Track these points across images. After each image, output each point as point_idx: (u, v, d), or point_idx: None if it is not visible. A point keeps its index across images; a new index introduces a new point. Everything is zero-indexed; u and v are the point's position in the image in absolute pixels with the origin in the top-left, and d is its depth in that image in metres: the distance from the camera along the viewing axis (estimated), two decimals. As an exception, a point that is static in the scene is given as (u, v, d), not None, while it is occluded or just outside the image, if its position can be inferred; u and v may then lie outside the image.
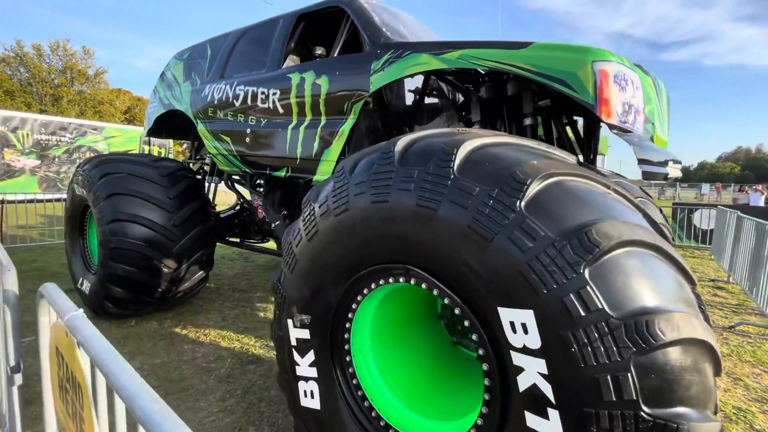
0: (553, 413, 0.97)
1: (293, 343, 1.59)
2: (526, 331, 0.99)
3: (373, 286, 1.43)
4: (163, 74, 4.54)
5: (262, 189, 4.44)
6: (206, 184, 4.32)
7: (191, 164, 4.75)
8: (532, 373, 0.99)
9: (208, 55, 3.89)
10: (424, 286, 1.28)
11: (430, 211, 1.14)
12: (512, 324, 1.02)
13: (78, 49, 32.48)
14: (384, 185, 1.27)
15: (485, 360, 1.15)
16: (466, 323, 1.18)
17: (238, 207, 5.03)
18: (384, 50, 2.34)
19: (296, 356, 1.59)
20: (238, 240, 4.62)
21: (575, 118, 2.52)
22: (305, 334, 1.56)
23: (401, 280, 1.34)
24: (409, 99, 3.15)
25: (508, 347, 1.04)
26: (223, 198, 6.08)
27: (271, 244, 5.10)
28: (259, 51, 3.32)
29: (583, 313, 0.91)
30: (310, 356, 1.56)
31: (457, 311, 1.20)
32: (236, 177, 4.33)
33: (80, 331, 0.83)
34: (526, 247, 0.99)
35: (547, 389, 0.97)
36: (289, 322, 1.59)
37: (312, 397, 1.55)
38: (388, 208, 1.24)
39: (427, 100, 2.92)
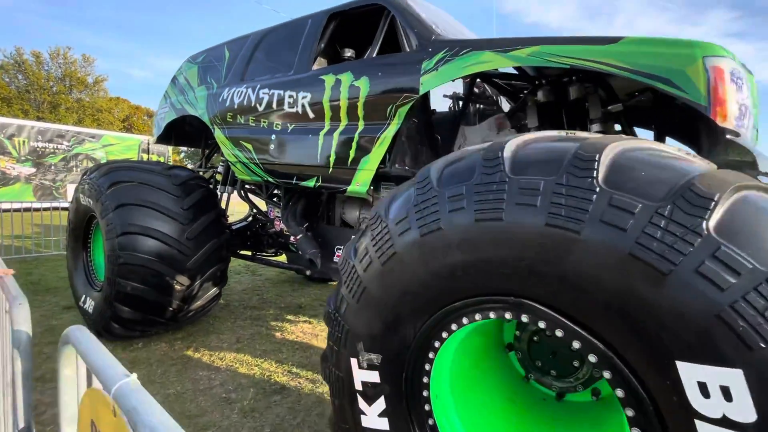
0: None
1: (358, 387, 1.32)
2: (728, 397, 0.74)
3: (465, 321, 1.17)
4: (175, 78, 4.31)
5: (277, 200, 4.20)
6: (218, 194, 4.06)
7: (202, 173, 4.50)
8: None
9: (226, 58, 3.67)
10: (542, 324, 1.02)
11: (569, 234, 0.90)
12: (702, 386, 0.76)
13: (78, 56, 32.36)
14: (494, 199, 1.02)
15: (637, 424, 0.89)
16: (607, 375, 0.93)
17: (250, 218, 4.77)
18: (437, 48, 2.12)
19: (362, 403, 1.32)
20: (249, 253, 4.34)
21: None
22: (374, 376, 1.29)
23: (507, 315, 1.09)
24: (445, 104, 2.94)
25: (691, 415, 0.78)
26: (230, 208, 5.81)
27: (284, 257, 4.83)
28: (285, 52, 3.10)
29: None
30: (380, 404, 1.29)
31: (592, 358, 0.95)
32: (249, 186, 4.07)
33: (136, 409, 0.56)
34: (727, 283, 0.74)
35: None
36: (353, 361, 1.32)
37: (381, 454, 1.28)
38: (501, 229, 1.00)
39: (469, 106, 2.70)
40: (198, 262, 3.25)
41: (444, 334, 1.23)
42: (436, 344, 1.24)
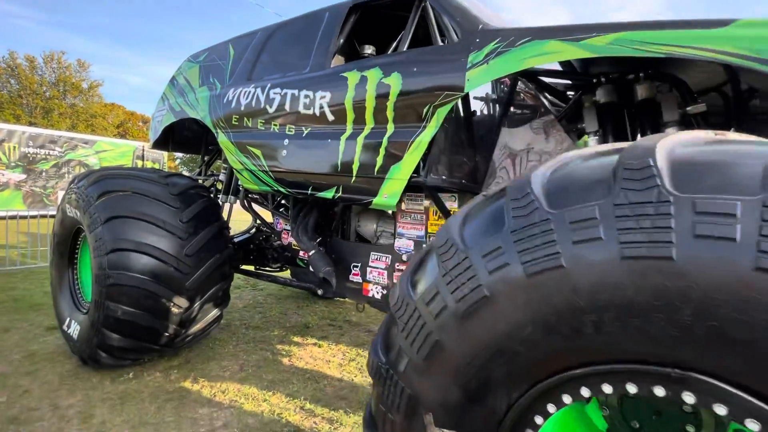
0: None
1: (424, 474, 0.98)
2: None
3: (585, 393, 0.85)
4: (174, 79, 3.99)
5: (284, 211, 3.87)
6: (220, 204, 3.72)
7: (201, 181, 4.16)
8: None
9: (230, 56, 3.36)
10: (721, 411, 0.70)
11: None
12: None
13: (72, 62, 31.99)
14: (654, 228, 0.70)
15: None
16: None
17: (253, 230, 4.42)
18: (486, 38, 1.81)
19: (430, 497, 0.98)
20: (252, 268, 3.99)
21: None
22: (448, 461, 0.96)
23: (658, 391, 0.76)
24: (476, 105, 2.63)
25: None
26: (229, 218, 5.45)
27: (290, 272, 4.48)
28: (299, 49, 2.80)
29: None
30: (457, 499, 0.95)
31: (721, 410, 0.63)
32: (253, 196, 3.74)
33: None
34: None
35: None
36: (418, 438, 0.99)
37: None
38: (672, 271, 0.68)
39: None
40: (198, 282, 2.90)
41: (551, 408, 0.90)
42: (538, 420, 0.91)
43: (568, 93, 2.31)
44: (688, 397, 0.74)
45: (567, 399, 0.88)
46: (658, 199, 0.72)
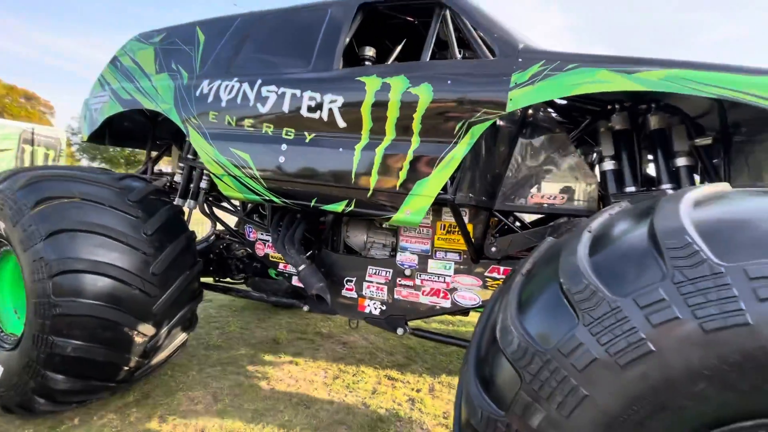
0: None
1: None
2: None
3: (742, 441, 0.85)
4: (117, 60, 3.36)
5: (257, 217, 3.51)
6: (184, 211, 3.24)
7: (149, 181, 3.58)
8: None
9: (200, 42, 2.92)
10: None
11: None
12: None
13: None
14: None
15: None
16: None
17: (212, 237, 3.95)
18: (530, 59, 1.79)
19: None
20: (213, 281, 3.57)
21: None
22: None
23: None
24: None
25: None
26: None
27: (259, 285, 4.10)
28: (296, 44, 2.52)
29: None
30: None
31: None
32: (212, 200, 3.32)
33: None
34: None
35: None
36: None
37: None
38: None
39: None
40: (167, 304, 2.48)
41: (703, 458, 0.89)
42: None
43: (573, 113, 2.41)
44: None
45: (721, 449, 0.88)
46: None
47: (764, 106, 1.40)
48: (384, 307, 2.60)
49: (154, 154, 3.81)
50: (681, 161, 1.92)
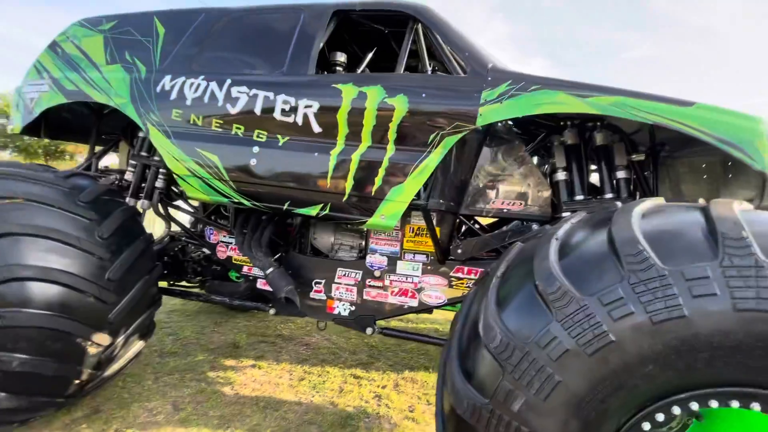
0: None
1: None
2: None
3: (675, 411, 1.05)
4: (57, 45, 3.07)
5: (217, 218, 3.39)
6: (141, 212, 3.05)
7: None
8: None
9: (159, 34, 2.76)
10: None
11: None
12: None
13: None
14: (757, 287, 0.93)
15: None
16: None
17: (167, 239, 3.76)
18: (498, 79, 1.95)
19: None
20: (178, 287, 3.41)
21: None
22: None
23: (734, 403, 1.01)
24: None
25: None
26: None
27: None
28: (268, 46, 2.49)
29: None
30: None
31: None
32: (167, 200, 3.16)
33: None
34: None
35: None
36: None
37: None
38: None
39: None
40: (124, 311, 2.34)
41: (646, 426, 1.08)
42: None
43: (530, 127, 2.64)
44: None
45: (660, 417, 1.07)
46: (756, 264, 0.95)
47: (686, 131, 1.67)
48: (353, 308, 2.67)
49: (98, 149, 3.53)
50: (621, 174, 2.20)
